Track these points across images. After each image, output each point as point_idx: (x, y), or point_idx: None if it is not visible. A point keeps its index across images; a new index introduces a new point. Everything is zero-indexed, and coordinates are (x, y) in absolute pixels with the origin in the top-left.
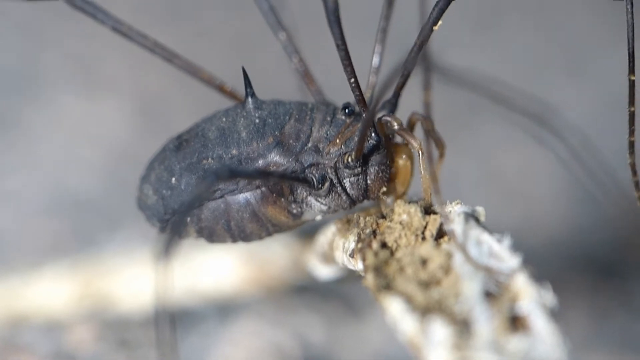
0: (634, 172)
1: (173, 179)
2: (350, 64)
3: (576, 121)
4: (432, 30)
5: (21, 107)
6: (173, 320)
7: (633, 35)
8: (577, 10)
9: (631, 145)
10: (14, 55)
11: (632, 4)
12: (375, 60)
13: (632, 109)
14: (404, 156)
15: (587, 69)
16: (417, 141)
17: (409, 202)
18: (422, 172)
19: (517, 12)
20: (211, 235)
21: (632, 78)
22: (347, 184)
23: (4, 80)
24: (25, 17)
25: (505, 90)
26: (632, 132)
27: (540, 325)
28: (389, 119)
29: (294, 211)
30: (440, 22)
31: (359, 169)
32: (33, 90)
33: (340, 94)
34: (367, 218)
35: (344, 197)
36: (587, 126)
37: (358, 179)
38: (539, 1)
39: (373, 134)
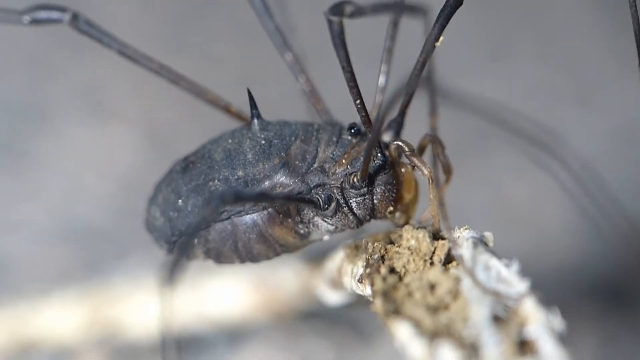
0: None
1: (180, 200)
2: (356, 86)
3: (583, 151)
4: (434, 46)
5: (30, 137)
6: (179, 346)
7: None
8: (588, 41)
9: None
10: (22, 85)
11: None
12: (382, 79)
13: None
14: (407, 167)
15: (596, 99)
16: (427, 168)
17: (417, 228)
18: (431, 198)
19: (527, 41)
20: (218, 257)
21: None
22: (354, 204)
23: (13, 110)
24: (33, 47)
25: (510, 116)
26: None
27: (549, 349)
28: (400, 143)
29: (301, 231)
30: (442, 38)
31: (365, 189)
32: (42, 119)
33: (347, 114)
34: (376, 243)
35: (351, 217)
36: (594, 156)
37: (364, 199)
38: (550, 31)
39: (379, 154)
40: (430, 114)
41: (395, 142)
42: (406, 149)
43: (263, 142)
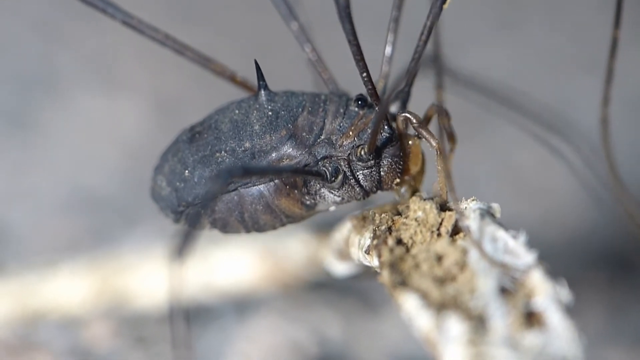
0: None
1: (186, 171)
2: (362, 59)
3: (592, 119)
4: (441, 9)
5: (38, 107)
6: (188, 317)
7: None
8: (600, 8)
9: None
10: (31, 56)
11: None
12: (388, 49)
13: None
14: (414, 139)
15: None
16: (435, 139)
17: (425, 199)
18: (439, 169)
19: (538, 9)
20: (225, 227)
21: None
22: (361, 176)
23: (21, 80)
24: (41, 17)
25: (517, 96)
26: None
27: (556, 321)
28: (408, 115)
29: (307, 203)
30: (449, 0)
31: (372, 162)
32: (50, 90)
33: (354, 84)
34: (383, 215)
35: (357, 189)
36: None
37: (371, 171)
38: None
39: (386, 127)
40: (437, 87)
41: (403, 114)
42: (414, 120)
43: (270, 113)
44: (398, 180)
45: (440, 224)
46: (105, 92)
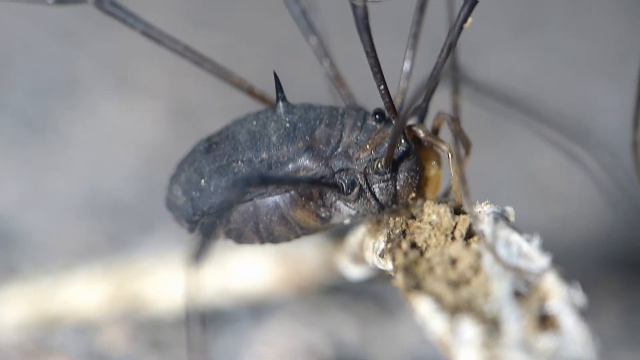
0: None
1: (202, 180)
2: (380, 71)
3: (611, 123)
4: (462, 28)
5: (57, 111)
6: (204, 321)
7: None
8: (621, 12)
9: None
10: (50, 61)
11: None
12: (406, 65)
13: None
14: (434, 163)
15: (626, 71)
16: (445, 144)
17: (439, 203)
18: (452, 173)
19: (557, 13)
20: (239, 237)
21: None
22: (377, 190)
23: (41, 84)
24: (61, 23)
25: (533, 102)
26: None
27: (570, 324)
28: (414, 127)
29: (323, 215)
30: (470, 20)
31: (389, 175)
32: (69, 94)
33: (371, 99)
34: (397, 219)
35: (373, 202)
36: (623, 129)
37: (387, 185)
38: (582, 3)
39: (403, 141)
40: (453, 92)
41: (409, 126)
42: (420, 131)
43: (288, 125)
44: (414, 194)
45: (455, 227)
46: (123, 97)
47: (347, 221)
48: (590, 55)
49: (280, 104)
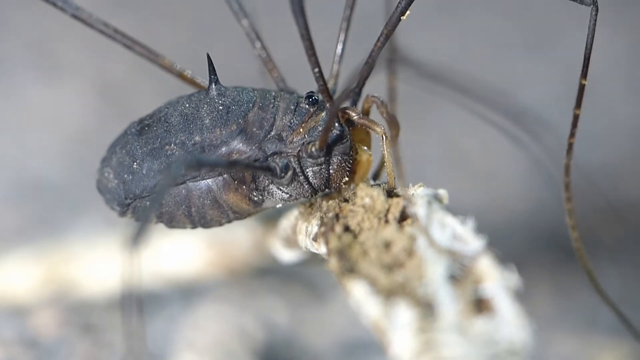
0: (567, 173)
1: (135, 163)
2: (314, 54)
3: (534, 99)
4: (399, 20)
5: None
6: (141, 307)
7: (592, 41)
8: None
9: (570, 146)
10: None
11: (597, 10)
12: (339, 49)
13: (578, 112)
14: (365, 147)
15: (550, 47)
16: (379, 126)
17: (372, 186)
18: (385, 155)
19: None
20: (171, 221)
21: (584, 82)
22: (310, 173)
23: None
24: None
25: (468, 80)
26: (572, 135)
27: (505, 307)
28: (348, 110)
29: (255, 199)
30: (408, 12)
31: (322, 159)
32: None
33: (304, 82)
34: (330, 202)
35: (306, 186)
36: (546, 106)
37: (321, 169)
38: None
39: (337, 124)
40: (388, 74)
41: (342, 109)
42: (354, 114)
43: (221, 107)
44: (347, 178)
45: (388, 210)
46: (48, 77)
47: (279, 205)
48: (514, 35)
49: (214, 86)
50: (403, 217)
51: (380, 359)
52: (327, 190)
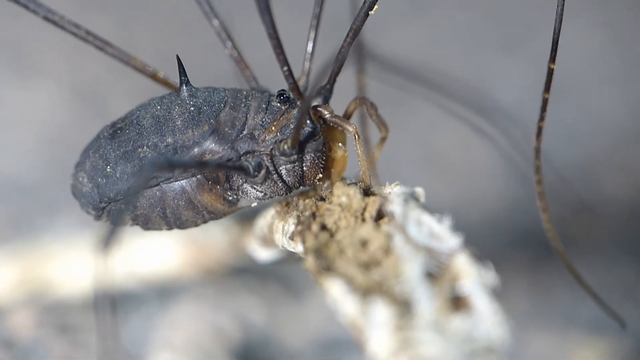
0: (537, 156)
1: (108, 167)
2: (283, 52)
3: (507, 98)
4: (367, 15)
5: None
6: (114, 307)
7: (560, 25)
8: None
9: (539, 130)
10: None
11: None
12: (309, 46)
13: (547, 95)
14: (340, 144)
15: (523, 45)
16: (351, 126)
17: (349, 184)
18: (360, 155)
19: None
20: (147, 223)
21: (552, 66)
22: (283, 171)
23: None
24: None
25: (441, 77)
26: (542, 118)
27: (482, 304)
28: (320, 108)
29: (230, 198)
30: (376, 7)
31: (295, 157)
32: None
33: (278, 81)
34: (307, 200)
35: (280, 184)
36: (521, 102)
37: (294, 166)
38: None
39: (308, 122)
40: (358, 72)
41: (314, 107)
42: (326, 112)
43: (192, 108)
44: (320, 175)
45: (365, 209)
46: (22, 78)
47: (254, 204)
48: (487, 32)
49: (184, 87)
50: (380, 216)
51: (358, 357)
52: (301, 187)
